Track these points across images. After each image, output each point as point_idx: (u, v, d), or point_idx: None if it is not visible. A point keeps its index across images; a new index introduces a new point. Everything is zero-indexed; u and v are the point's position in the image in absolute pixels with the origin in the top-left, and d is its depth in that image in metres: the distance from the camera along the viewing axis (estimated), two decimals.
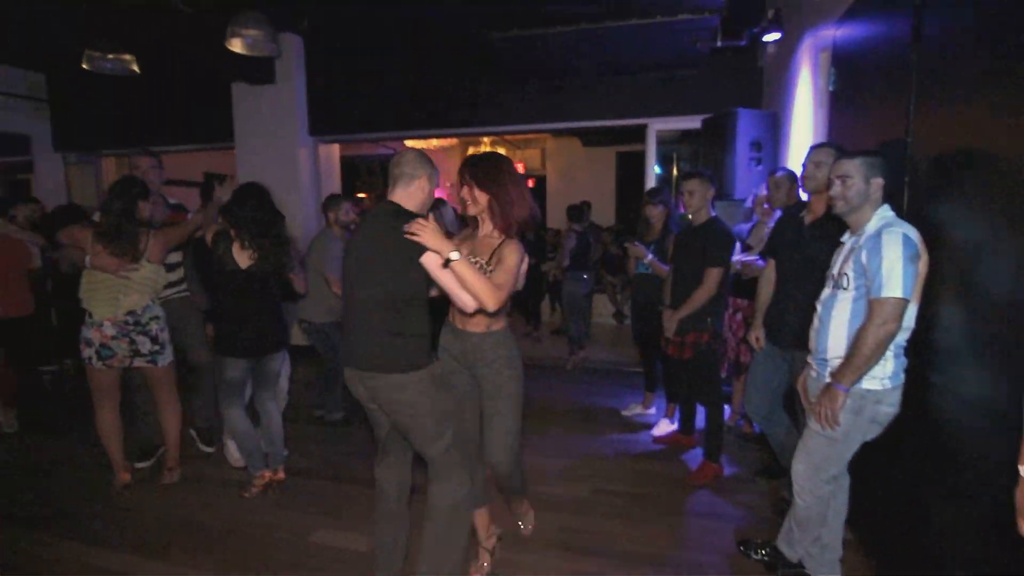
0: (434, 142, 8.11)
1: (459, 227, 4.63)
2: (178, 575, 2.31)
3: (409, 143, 8.26)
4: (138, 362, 2.85)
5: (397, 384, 1.85)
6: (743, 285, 3.34)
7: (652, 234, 3.63)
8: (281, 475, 3.03)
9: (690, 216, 3.01)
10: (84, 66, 4.39)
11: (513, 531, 2.52)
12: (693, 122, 4.86)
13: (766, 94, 4.56)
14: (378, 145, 9.20)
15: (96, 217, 2.93)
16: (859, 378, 1.85)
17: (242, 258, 2.66)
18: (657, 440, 3.58)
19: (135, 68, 4.53)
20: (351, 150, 9.46)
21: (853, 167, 1.92)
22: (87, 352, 2.78)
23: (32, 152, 6.52)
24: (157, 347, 2.87)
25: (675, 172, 7.86)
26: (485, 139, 9.06)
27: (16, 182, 7.69)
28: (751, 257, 3.11)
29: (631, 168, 9.22)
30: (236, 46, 4.02)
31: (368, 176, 9.94)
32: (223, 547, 2.49)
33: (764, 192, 3.25)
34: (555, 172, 9.81)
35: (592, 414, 4.10)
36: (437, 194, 2.27)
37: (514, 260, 1.90)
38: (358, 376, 1.92)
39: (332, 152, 6.15)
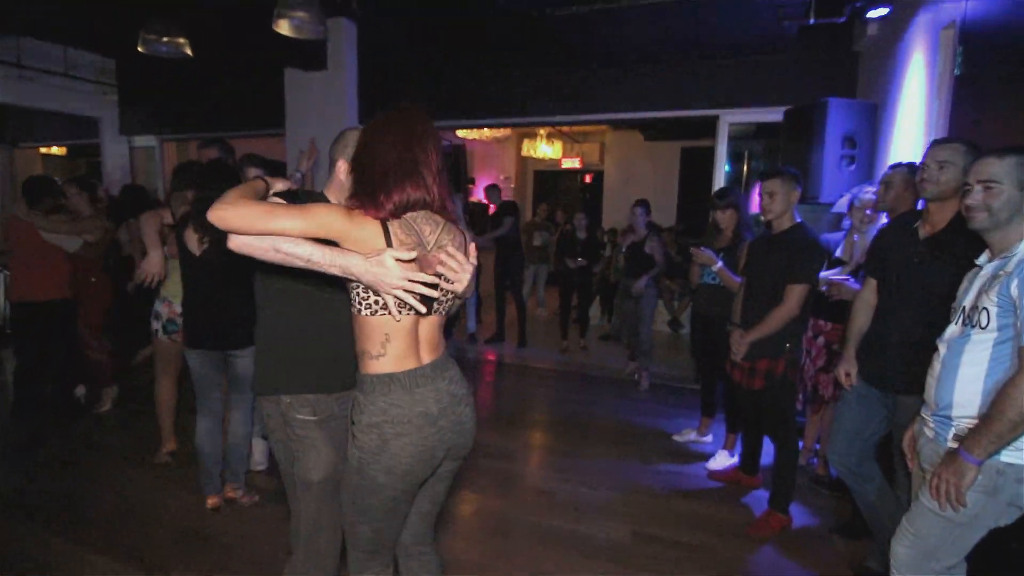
0: (487, 132, 7.81)
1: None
2: None
3: (461, 133, 8.06)
4: None
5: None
6: (828, 305, 2.84)
7: (722, 240, 3.18)
8: (231, 494, 2.68)
9: (770, 221, 2.55)
10: (140, 49, 4.37)
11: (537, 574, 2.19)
12: (771, 115, 4.34)
13: (862, 83, 3.97)
14: None
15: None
16: (999, 448, 1.40)
17: (192, 243, 2.47)
18: (713, 476, 3.14)
19: (188, 51, 4.46)
20: None
21: (1002, 169, 1.46)
22: (155, 325, 2.96)
23: (100, 135, 6.71)
24: None
25: (746, 170, 7.23)
26: (541, 131, 8.70)
27: (96, 164, 8.04)
28: (841, 276, 2.62)
29: (696, 165, 8.61)
30: (283, 28, 3.88)
31: None
32: (224, 563, 2.29)
33: (870, 195, 2.72)
34: (614, 167, 9.33)
35: (638, 436, 3.70)
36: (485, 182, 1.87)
37: (314, 210, 1.21)
38: None
39: None
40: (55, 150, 9.31)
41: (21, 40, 5.50)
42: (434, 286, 1.27)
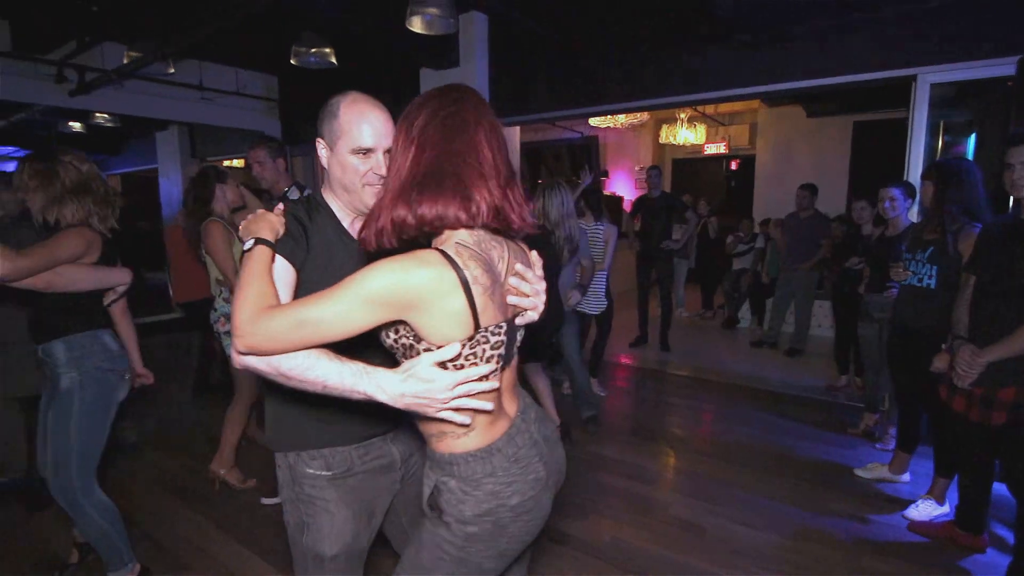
0: (621, 118, 7.31)
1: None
2: None
3: (594, 121, 7.67)
4: None
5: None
6: None
7: (934, 230, 2.48)
8: None
9: (1020, 201, 1.88)
10: (292, 62, 4.70)
11: None
12: (991, 69, 3.41)
13: None
14: (563, 128, 8.76)
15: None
16: None
17: None
18: (915, 528, 2.47)
19: (333, 60, 4.74)
20: (536, 135, 9.20)
21: None
22: None
23: None
24: (217, 335, 2.95)
25: (941, 145, 5.95)
26: (681, 115, 8.00)
27: None
28: None
29: (875, 142, 7.33)
30: (416, 25, 3.92)
31: (554, 161, 9.59)
32: None
33: None
34: (768, 150, 8.27)
35: (809, 467, 3.08)
36: (617, 178, 1.51)
37: (349, 289, 0.90)
38: None
39: (512, 135, 5.83)
40: (236, 163, 10.62)
41: (202, 64, 6.22)
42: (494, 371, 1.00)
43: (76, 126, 7.33)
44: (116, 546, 2.01)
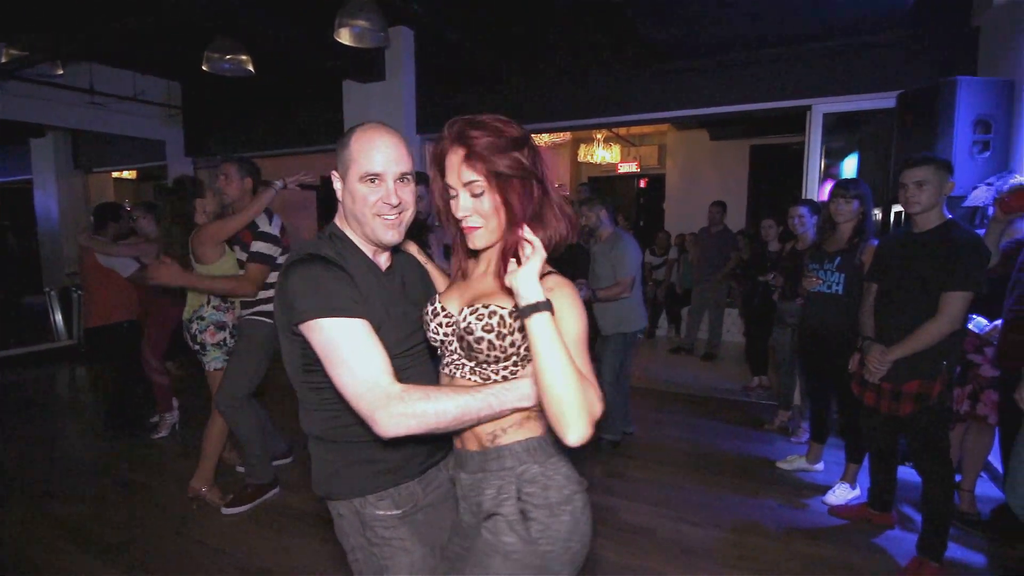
0: (545, 137, 7.56)
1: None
2: None
3: None
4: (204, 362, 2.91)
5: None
6: None
7: (836, 241, 2.78)
8: None
9: (911, 217, 2.17)
10: (204, 67, 4.39)
11: None
12: (873, 102, 3.92)
13: (984, 60, 3.49)
14: None
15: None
16: None
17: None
18: (835, 512, 2.73)
19: (250, 68, 4.48)
20: None
21: None
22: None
23: (167, 157, 6.87)
24: (198, 347, 2.86)
25: (822, 167, 6.72)
26: (598, 135, 8.40)
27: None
28: None
29: (768, 164, 8.11)
30: (344, 37, 3.84)
31: None
32: None
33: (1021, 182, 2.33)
34: (676, 170, 8.89)
35: (735, 463, 3.31)
36: None
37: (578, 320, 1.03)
38: None
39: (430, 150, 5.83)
40: (126, 174, 9.69)
41: (94, 67, 5.66)
42: None
43: None
44: None
